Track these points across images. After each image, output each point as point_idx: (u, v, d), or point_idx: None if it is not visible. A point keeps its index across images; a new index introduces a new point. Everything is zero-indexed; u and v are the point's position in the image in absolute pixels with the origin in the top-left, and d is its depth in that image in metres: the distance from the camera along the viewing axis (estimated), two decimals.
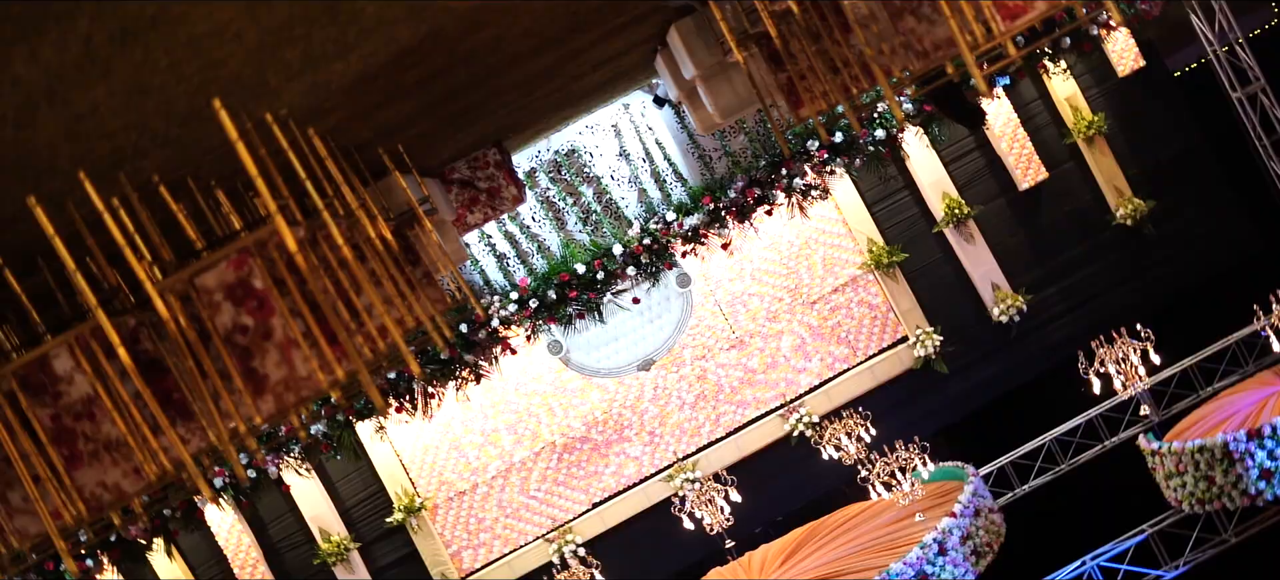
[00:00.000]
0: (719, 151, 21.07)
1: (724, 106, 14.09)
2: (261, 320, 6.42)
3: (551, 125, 18.32)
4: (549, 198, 21.08)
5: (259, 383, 6.38)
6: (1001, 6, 8.84)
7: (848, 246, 23.51)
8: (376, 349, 6.86)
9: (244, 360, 6.41)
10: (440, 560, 23.48)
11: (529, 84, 13.14)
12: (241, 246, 6.47)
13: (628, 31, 13.17)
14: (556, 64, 12.74)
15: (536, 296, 20.48)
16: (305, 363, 6.24)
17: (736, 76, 13.76)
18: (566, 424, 23.59)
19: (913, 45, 9.88)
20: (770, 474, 23.47)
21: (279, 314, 6.33)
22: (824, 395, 23.62)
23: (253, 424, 6.39)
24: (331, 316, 6.23)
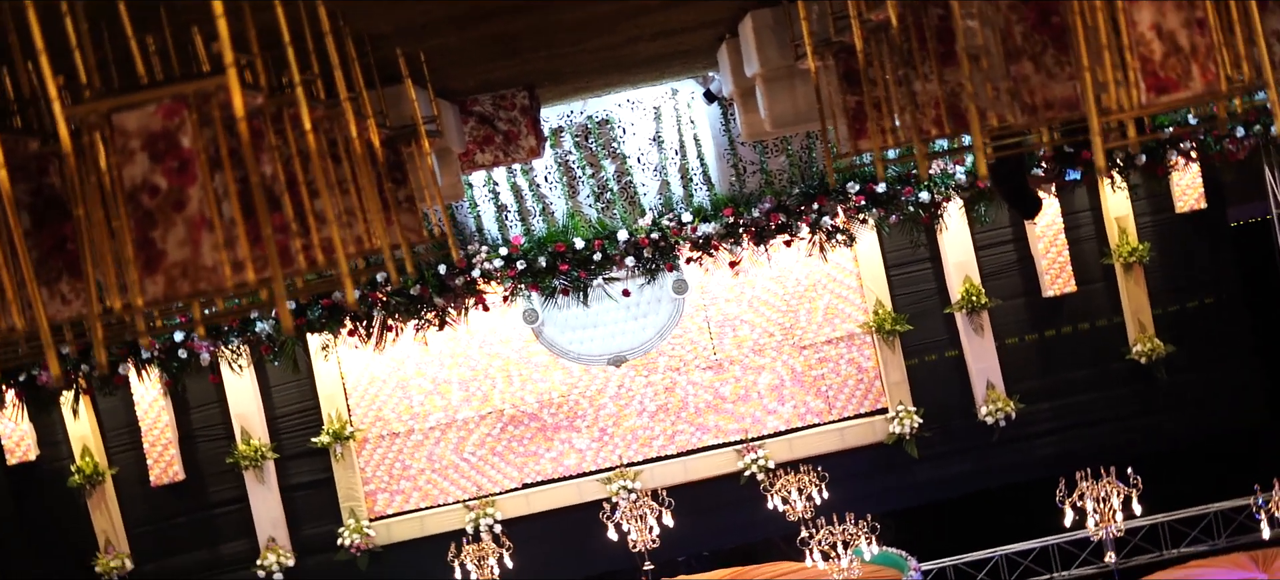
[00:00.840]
0: (755, 166, 19.24)
1: (778, 115, 12.44)
2: (177, 186, 4.83)
3: (592, 86, 16.42)
4: (568, 162, 19.14)
5: (153, 258, 4.81)
6: (1150, 76, 7.27)
7: (855, 301, 22.09)
8: (315, 261, 5.41)
9: (143, 226, 4.83)
10: (354, 496, 22.03)
11: (582, 30, 11.48)
12: (178, 93, 4.89)
13: (702, 5, 11.56)
14: (618, 16, 11.08)
15: (526, 259, 18.60)
16: (215, 252, 4.66)
17: (801, 86, 12.13)
18: (520, 396, 22.20)
19: (1021, 96, 8.23)
20: (710, 506, 22.20)
21: (200, 186, 4.74)
22: (787, 443, 22.31)
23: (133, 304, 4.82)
24: (262, 208, 4.61)
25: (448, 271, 18.08)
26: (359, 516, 21.96)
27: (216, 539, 22.19)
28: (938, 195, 18.90)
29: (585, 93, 17.11)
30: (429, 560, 21.67)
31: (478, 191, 19.08)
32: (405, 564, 22.15)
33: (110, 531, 21.84)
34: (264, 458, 21.79)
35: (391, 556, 22.19)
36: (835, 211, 18.61)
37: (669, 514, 20.40)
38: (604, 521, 20.62)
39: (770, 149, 18.98)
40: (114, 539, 21.82)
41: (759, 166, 19.13)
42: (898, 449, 22.17)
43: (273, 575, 21.71)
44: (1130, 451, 21.05)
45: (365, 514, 22.06)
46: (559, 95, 16.17)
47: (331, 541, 22.01)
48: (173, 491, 21.95)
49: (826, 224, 18.60)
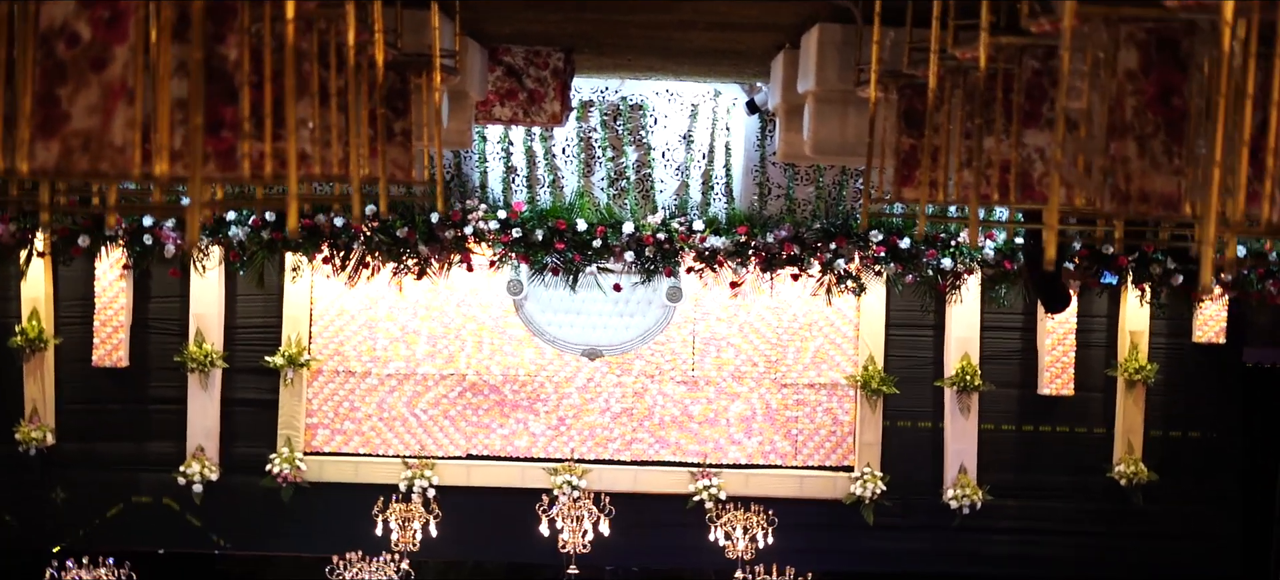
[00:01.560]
0: (781, 190, 17.84)
1: (822, 140, 11.23)
2: (102, 42, 3.62)
3: (633, 66, 14.95)
4: (590, 139, 17.62)
5: (53, 119, 3.61)
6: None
7: (847, 351, 20.97)
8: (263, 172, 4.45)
9: (49, 79, 3.62)
10: (294, 425, 20.79)
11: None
12: None
13: (772, 4, 10.36)
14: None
15: (523, 228, 17.17)
16: (126, 131, 3.47)
17: (854, 115, 10.95)
18: (486, 365, 21.01)
19: (1115, 179, 7.01)
20: (652, 523, 21.14)
21: (130, 48, 3.52)
22: (744, 477, 21.18)
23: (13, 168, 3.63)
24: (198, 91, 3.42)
25: (439, 221, 16.76)
26: (294, 447, 20.75)
27: (145, 434, 20.94)
28: (961, 265, 17.62)
29: (624, 71, 15.66)
30: (354, 508, 20.52)
31: (490, 148, 17.66)
32: (329, 506, 21.01)
33: (40, 402, 20.56)
34: (213, 364, 20.56)
35: (317, 495, 21.00)
36: (852, 256, 17.29)
37: (607, 522, 19.61)
38: (539, 513, 19.74)
39: (801, 176, 17.62)
40: (42, 410, 20.55)
41: (785, 191, 17.74)
42: (854, 511, 21.11)
43: (193, 484, 20.47)
44: (1089, 570, 20.56)
45: (301, 446, 20.85)
46: (596, 67, 14.80)
47: (260, 466, 20.77)
48: (113, 376, 20.72)
49: (840, 267, 17.28)
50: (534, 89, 12.64)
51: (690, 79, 16.30)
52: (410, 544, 19.80)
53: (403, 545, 19.78)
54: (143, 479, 20.85)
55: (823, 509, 21.26)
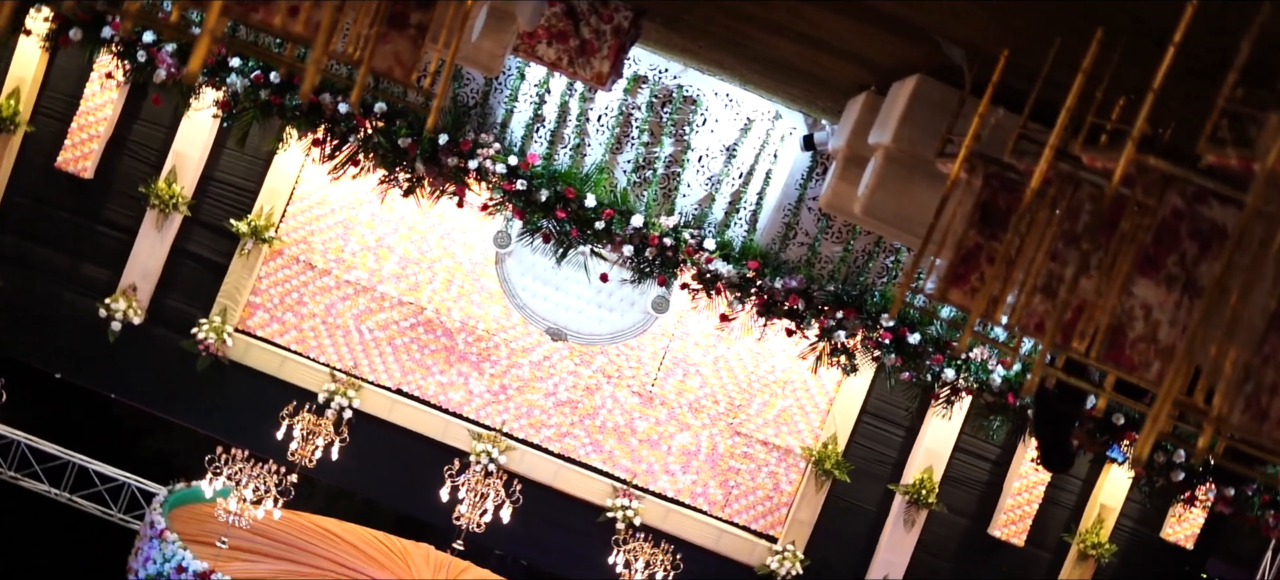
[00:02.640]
0: (808, 239, 15.96)
1: (877, 203, 9.67)
2: None
3: (702, 56, 13.00)
4: (630, 116, 15.72)
5: None
6: None
7: (813, 422, 19.53)
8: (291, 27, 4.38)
9: None
10: (235, 297, 19.24)
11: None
12: None
13: (871, 38, 8.84)
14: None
15: (530, 182, 15.30)
16: None
17: (923, 187, 9.40)
18: (448, 308, 19.49)
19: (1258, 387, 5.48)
20: (556, 521, 19.88)
21: None
22: (665, 511, 19.81)
23: None
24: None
25: (445, 145, 15.06)
26: (227, 319, 19.21)
27: (83, 254, 19.32)
28: (963, 382, 15.94)
29: (690, 58, 13.77)
30: (264, 403, 19.03)
31: (525, 88, 15.75)
32: (240, 391, 19.49)
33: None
34: (175, 208, 18.99)
35: (233, 376, 19.46)
36: (855, 332, 15.56)
37: (510, 510, 18.30)
38: (446, 475, 18.37)
39: (834, 232, 15.80)
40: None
41: (811, 241, 15.92)
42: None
43: (113, 321, 18.88)
44: None
45: (234, 321, 19.30)
46: (662, 42, 13.04)
47: (187, 326, 19.22)
48: (72, 184, 19.08)
49: (838, 338, 15.59)
50: (589, 40, 11.05)
51: (755, 90, 14.49)
52: (307, 459, 18.29)
53: (299, 458, 18.25)
54: (66, 297, 19.20)
55: (731, 570, 19.94)
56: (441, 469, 18.45)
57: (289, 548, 18.73)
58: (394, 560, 19.25)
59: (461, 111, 15.16)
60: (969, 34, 7.88)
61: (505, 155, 15.15)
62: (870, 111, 10.29)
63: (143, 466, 20.54)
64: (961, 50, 8.19)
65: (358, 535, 19.66)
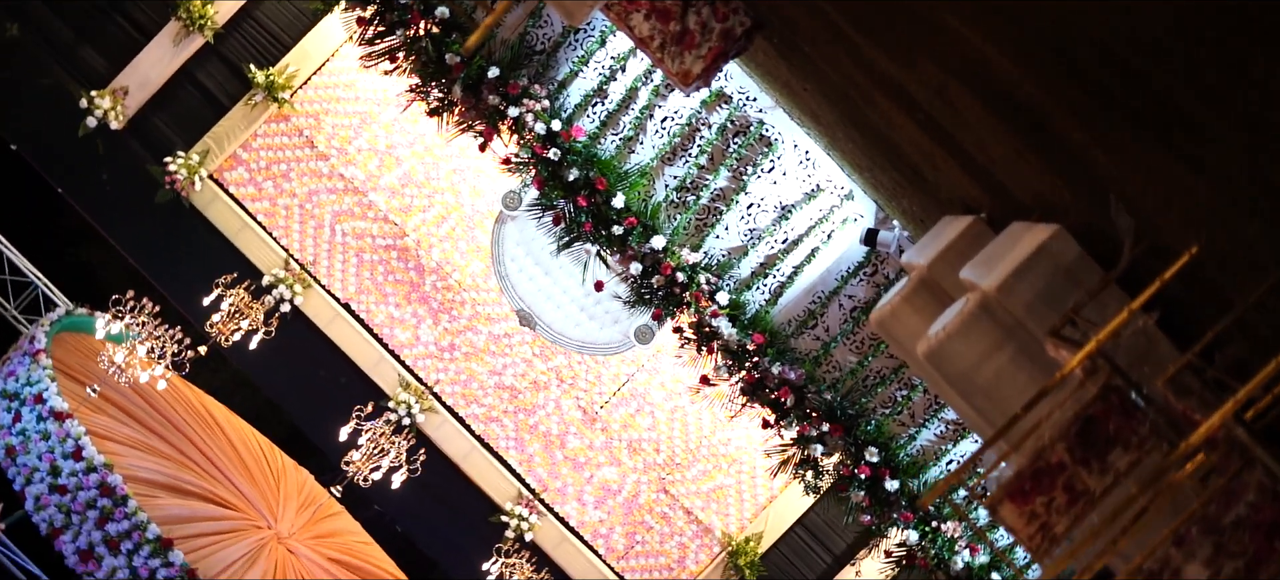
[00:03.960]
0: (827, 337, 13.83)
1: (947, 355, 7.74)
2: None
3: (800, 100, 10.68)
4: (698, 130, 13.52)
5: None
6: None
7: (744, 512, 17.82)
8: None
9: None
10: (223, 143, 17.59)
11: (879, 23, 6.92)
12: None
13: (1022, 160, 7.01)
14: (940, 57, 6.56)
15: (563, 155, 13.13)
16: None
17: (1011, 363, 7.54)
18: (431, 244, 17.71)
19: None
20: (448, 503, 18.11)
21: None
22: (559, 538, 18.08)
23: None
24: None
25: (493, 81, 12.98)
26: (205, 162, 17.41)
27: (88, 35, 17.51)
28: (923, 550, 13.80)
29: (788, 97, 11.45)
30: (208, 261, 17.37)
31: (599, 56, 13.53)
32: (189, 240, 17.69)
33: None
34: (200, 29, 17.23)
35: (187, 221, 17.62)
36: (833, 453, 13.54)
37: (403, 477, 16.88)
38: (354, 413, 17.01)
39: (856, 340, 13.76)
40: None
41: (829, 341, 13.83)
42: None
43: (91, 114, 17.02)
44: None
45: (212, 167, 17.48)
46: (766, 69, 10.97)
47: (162, 152, 17.38)
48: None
49: (813, 451, 13.55)
50: (691, 31, 9.19)
51: (840, 159, 12.42)
52: (225, 337, 16.71)
53: (217, 333, 16.72)
54: (54, 70, 17.33)
55: None
56: (354, 404, 16.96)
57: (161, 421, 16.89)
58: (265, 478, 17.47)
59: (524, 53, 13.14)
60: (1153, 207, 6.06)
61: (550, 117, 13.09)
62: (973, 241, 8.47)
63: (60, 274, 18.70)
64: (1133, 222, 6.36)
65: (241, 435, 17.83)
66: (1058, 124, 6.07)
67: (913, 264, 9.15)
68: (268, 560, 16.89)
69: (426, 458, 17.18)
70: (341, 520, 18.29)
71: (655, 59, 9.57)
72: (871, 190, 12.20)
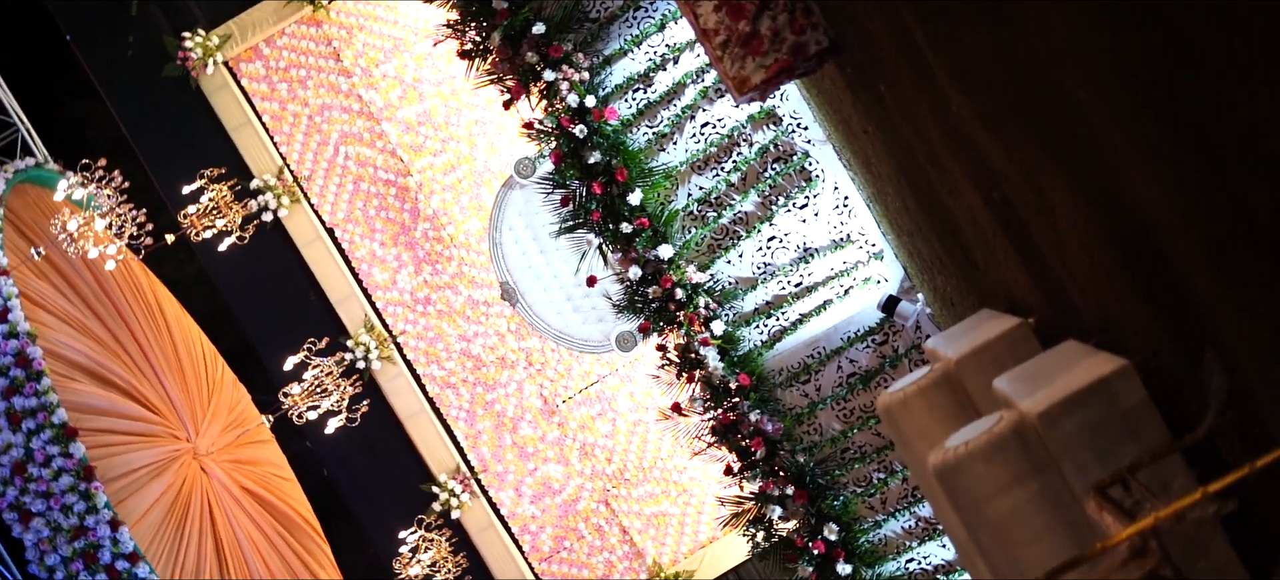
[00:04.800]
0: (816, 395, 12.29)
1: (961, 477, 6.55)
2: None
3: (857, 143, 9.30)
4: (737, 144, 12.01)
5: None
6: None
7: (682, 546, 16.83)
8: None
9: None
10: (247, 32, 16.40)
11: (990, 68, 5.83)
12: None
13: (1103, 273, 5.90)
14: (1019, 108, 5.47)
15: (589, 135, 11.79)
16: None
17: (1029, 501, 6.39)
18: (433, 189, 16.55)
19: None
20: (381, 456, 17.02)
21: None
22: (485, 522, 16.95)
23: None
24: None
25: (537, 38, 11.73)
26: (224, 49, 16.31)
27: None
28: None
29: (844, 135, 9.88)
30: (199, 148, 16.31)
31: (655, 40, 12.09)
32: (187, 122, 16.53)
33: None
34: None
35: (190, 103, 16.47)
36: (791, 519, 12.31)
37: (340, 422, 15.98)
38: (307, 346, 16.10)
39: (846, 409, 12.33)
40: None
41: (816, 401, 12.35)
42: None
43: None
44: None
45: (230, 55, 16.41)
46: (828, 99, 9.64)
47: (182, 26, 16.30)
48: None
49: (771, 512, 12.30)
50: (761, 36, 8.06)
51: (880, 216, 11.19)
52: (196, 232, 15.67)
53: (188, 226, 15.69)
54: None
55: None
56: (309, 333, 16.00)
57: (104, 303, 15.70)
58: (198, 387, 16.35)
59: (576, 16, 11.84)
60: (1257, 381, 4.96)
61: (586, 90, 11.82)
62: (1014, 347, 7.34)
63: (49, 127, 17.53)
64: (1227, 386, 5.25)
65: (185, 336, 16.67)
66: (1175, 255, 4.96)
67: (938, 353, 8.00)
68: (177, 474, 15.63)
69: (370, 408, 16.19)
70: (266, 450, 17.11)
71: (714, 57, 8.42)
72: (905, 257, 10.93)
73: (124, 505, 14.37)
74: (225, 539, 15.82)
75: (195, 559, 15.30)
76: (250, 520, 16.41)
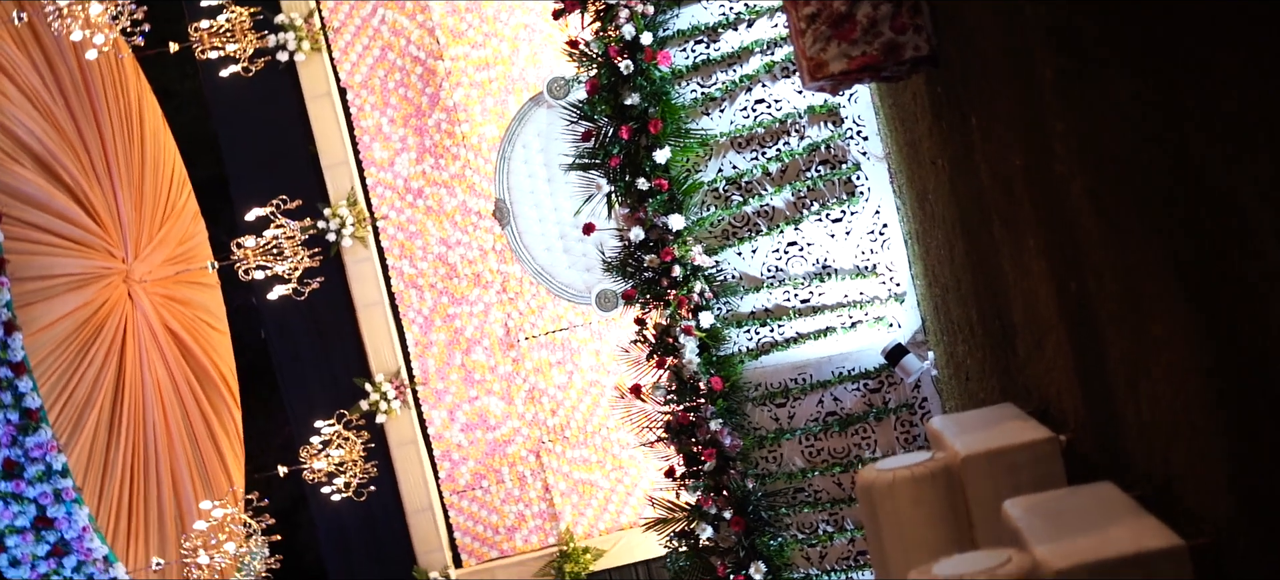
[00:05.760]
0: (787, 424, 10.95)
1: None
2: None
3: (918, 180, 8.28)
4: (787, 134, 10.55)
5: None
6: None
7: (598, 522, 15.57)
8: None
9: None
10: None
11: None
12: None
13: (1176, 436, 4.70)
14: None
15: (635, 75, 10.31)
16: None
17: None
18: (457, 82, 15.19)
19: None
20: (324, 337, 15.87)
21: None
22: (409, 438, 15.70)
23: None
24: None
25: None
26: None
27: None
28: None
29: (906, 156, 8.65)
30: None
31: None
32: None
33: None
34: None
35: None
36: (720, 545, 10.82)
37: (287, 290, 14.72)
38: (275, 204, 14.83)
39: (814, 450, 10.95)
40: None
41: (786, 431, 10.96)
42: None
43: None
44: None
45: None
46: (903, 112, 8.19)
47: None
48: None
49: (699, 529, 10.86)
50: (855, 22, 6.82)
51: (918, 258, 9.69)
52: (202, 50, 14.69)
53: (195, 41, 14.68)
54: None
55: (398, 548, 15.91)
56: (287, 190, 14.73)
57: (78, 93, 14.29)
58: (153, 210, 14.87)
59: None
60: None
61: (645, 25, 10.42)
62: (1036, 466, 6.13)
63: None
64: None
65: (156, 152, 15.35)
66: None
67: (943, 439, 6.75)
68: (100, 293, 14.07)
69: (329, 286, 15.00)
70: (204, 295, 15.68)
71: (795, 29, 7.18)
72: (929, 309, 9.58)
73: (30, 309, 12.90)
74: (129, 375, 14.20)
75: (89, 387, 13.67)
76: (163, 361, 14.86)
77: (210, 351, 15.63)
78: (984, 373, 7.67)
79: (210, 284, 15.85)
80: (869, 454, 10.74)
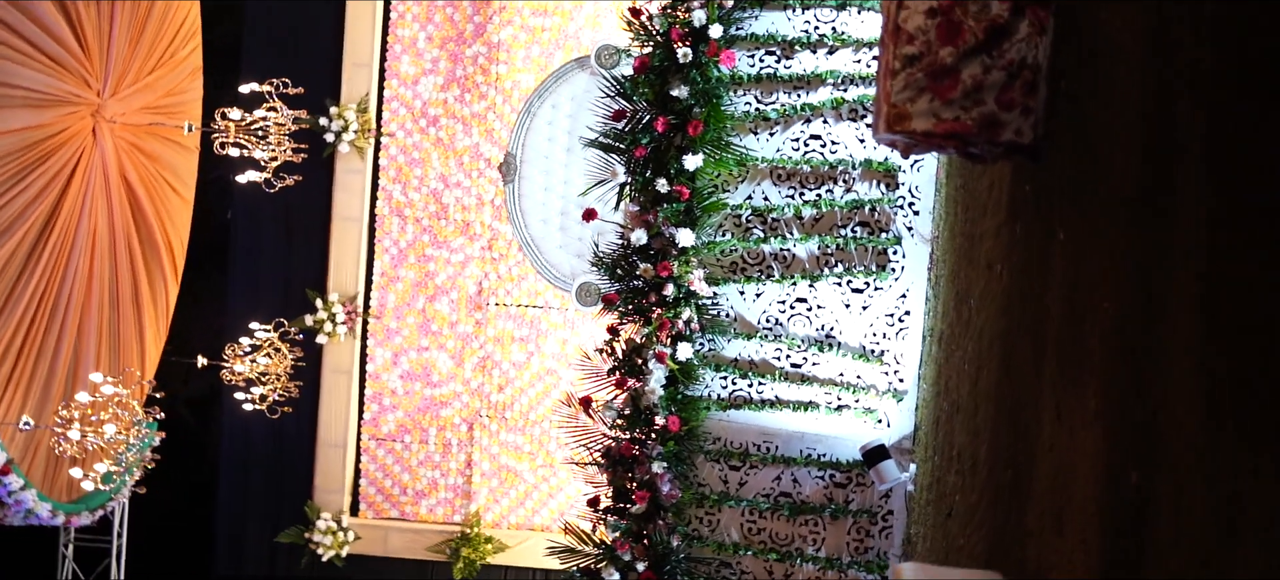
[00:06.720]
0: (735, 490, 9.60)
1: None
2: None
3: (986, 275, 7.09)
4: (832, 184, 9.32)
5: None
6: None
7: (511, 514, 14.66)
8: None
9: None
10: None
11: None
12: None
13: None
14: None
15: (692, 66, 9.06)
16: None
17: None
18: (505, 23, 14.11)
19: None
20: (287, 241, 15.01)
21: None
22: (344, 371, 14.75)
23: None
24: None
25: None
26: None
27: None
28: None
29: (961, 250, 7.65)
30: None
31: (822, 13, 9.31)
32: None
33: None
34: None
35: None
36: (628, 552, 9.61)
37: (258, 178, 13.57)
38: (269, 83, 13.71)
39: (753, 528, 9.55)
40: None
41: (731, 497, 9.63)
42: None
43: None
44: None
45: None
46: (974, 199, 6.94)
47: None
48: None
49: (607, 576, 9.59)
50: (959, 79, 5.61)
51: (932, 363, 8.56)
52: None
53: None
54: None
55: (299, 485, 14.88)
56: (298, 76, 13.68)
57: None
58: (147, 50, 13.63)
59: None
60: None
61: (718, 16, 9.23)
62: None
63: None
64: None
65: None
66: None
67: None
68: (62, 119, 12.49)
69: (311, 188, 13.97)
70: (176, 155, 14.36)
71: (886, 68, 5.99)
72: (929, 424, 8.29)
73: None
74: (66, 213, 12.65)
75: (16, 213, 12.08)
76: (107, 210, 13.38)
77: (163, 215, 14.27)
78: (973, 520, 6.44)
79: (188, 147, 14.54)
80: (812, 550, 9.52)
